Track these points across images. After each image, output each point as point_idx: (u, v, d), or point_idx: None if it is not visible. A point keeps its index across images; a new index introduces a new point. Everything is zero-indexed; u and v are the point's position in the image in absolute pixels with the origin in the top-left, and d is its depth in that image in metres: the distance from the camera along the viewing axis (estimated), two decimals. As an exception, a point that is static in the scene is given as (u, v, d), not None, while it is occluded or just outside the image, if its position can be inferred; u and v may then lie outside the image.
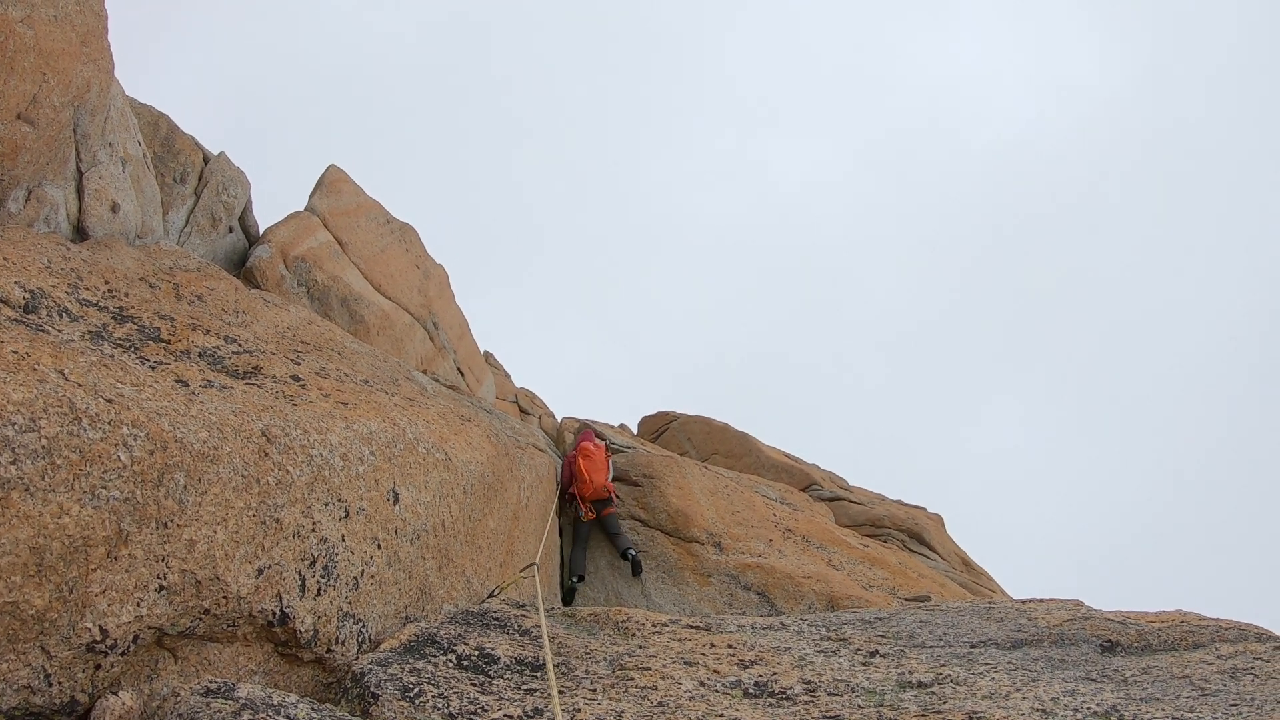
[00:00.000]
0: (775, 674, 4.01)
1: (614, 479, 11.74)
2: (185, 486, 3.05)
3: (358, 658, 3.87)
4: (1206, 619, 4.84)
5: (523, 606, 5.20)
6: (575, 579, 10.12)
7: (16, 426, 2.49)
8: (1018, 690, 3.67)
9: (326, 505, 3.87)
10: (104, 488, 2.71)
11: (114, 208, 6.70)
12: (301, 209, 12.21)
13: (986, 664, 4.22)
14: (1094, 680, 3.87)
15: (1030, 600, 6.18)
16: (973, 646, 4.67)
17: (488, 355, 20.24)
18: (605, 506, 10.74)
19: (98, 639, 2.71)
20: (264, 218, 11.10)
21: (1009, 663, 4.24)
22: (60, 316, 4.16)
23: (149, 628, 2.91)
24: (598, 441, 11.84)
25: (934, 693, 3.73)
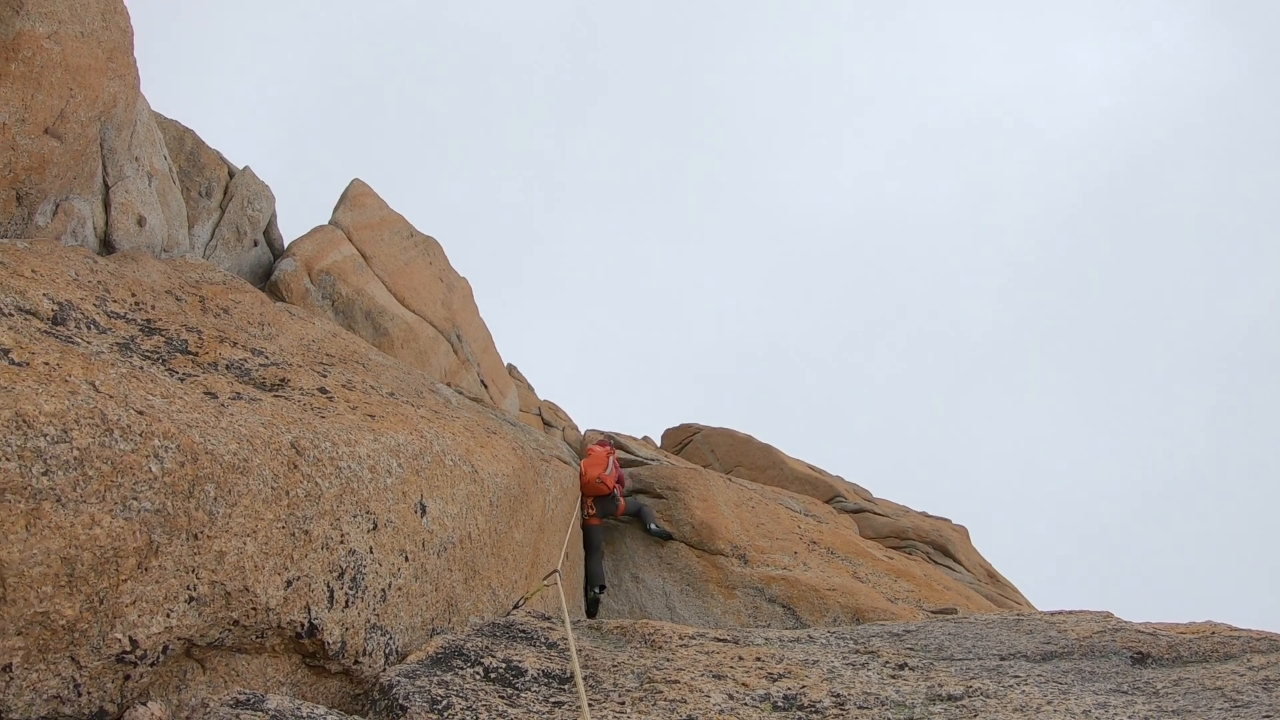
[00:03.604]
0: (804, 687, 3.98)
1: (637, 491, 11.73)
2: (215, 498, 3.05)
3: (385, 670, 3.86)
4: (1238, 630, 4.77)
5: (548, 619, 5.18)
6: (597, 590, 10.11)
7: (49, 438, 2.49)
8: (1048, 703, 3.62)
9: (355, 517, 3.87)
10: (135, 499, 2.71)
11: (140, 221, 6.76)
12: (326, 223, 12.29)
13: (1016, 676, 4.17)
14: (1125, 693, 3.82)
15: (1059, 612, 6.11)
16: (1002, 659, 4.62)
17: (511, 368, 20.30)
18: (612, 507, 10.74)
19: (127, 649, 2.71)
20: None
21: (1039, 675, 4.19)
22: (89, 329, 4.19)
23: (178, 638, 2.90)
24: (608, 446, 11.91)
25: (964, 705, 3.69)
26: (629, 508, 10.95)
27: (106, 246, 6.35)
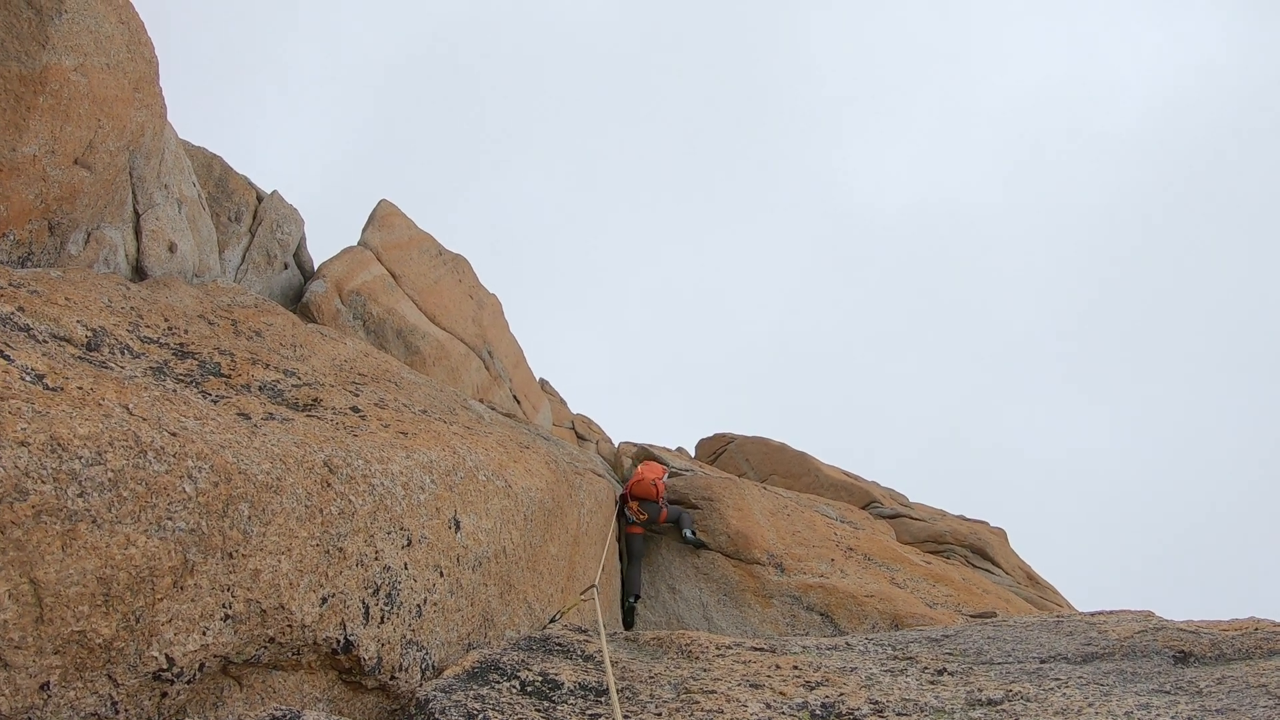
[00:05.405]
0: (842, 695, 3.94)
1: (673, 502, 11.73)
2: (250, 517, 3.07)
3: (421, 685, 3.87)
4: (1282, 625, 4.69)
5: (585, 631, 5.18)
6: (633, 599, 10.11)
7: (83, 460, 2.52)
8: (1090, 705, 3.57)
9: (389, 534, 3.89)
10: (170, 519, 2.74)
11: (171, 248, 6.84)
12: (355, 244, 12.40)
13: (1057, 679, 4.12)
14: (1168, 693, 3.75)
15: (1100, 613, 6.02)
16: (1042, 662, 4.55)
17: (543, 383, 20.36)
18: (655, 512, 10.79)
19: (164, 667, 2.73)
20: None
21: (1080, 677, 4.13)
22: (122, 354, 4.24)
23: (215, 656, 2.93)
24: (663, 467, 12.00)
25: (1004, 710, 3.64)
26: (670, 514, 11.00)
27: (138, 273, 6.43)
